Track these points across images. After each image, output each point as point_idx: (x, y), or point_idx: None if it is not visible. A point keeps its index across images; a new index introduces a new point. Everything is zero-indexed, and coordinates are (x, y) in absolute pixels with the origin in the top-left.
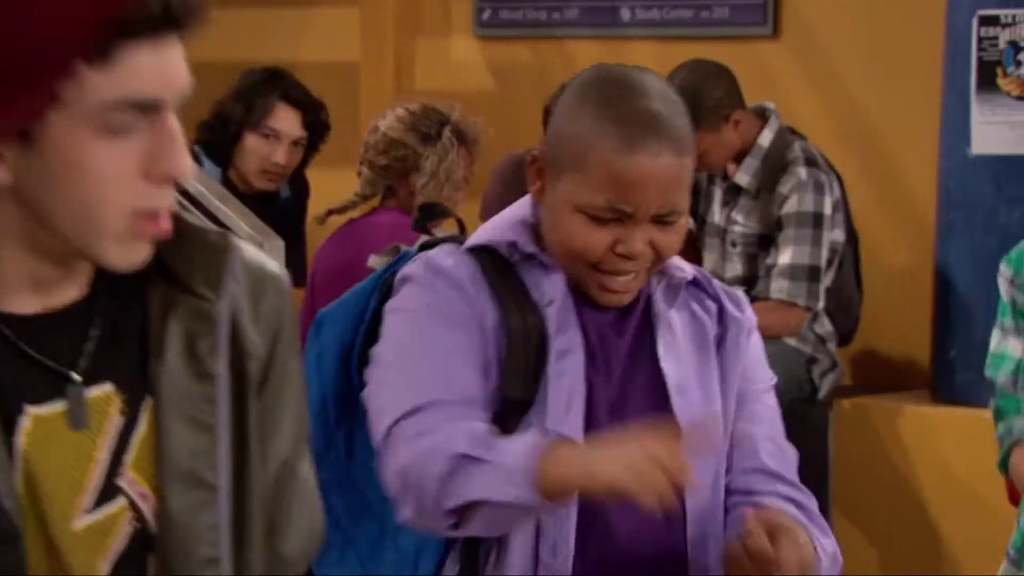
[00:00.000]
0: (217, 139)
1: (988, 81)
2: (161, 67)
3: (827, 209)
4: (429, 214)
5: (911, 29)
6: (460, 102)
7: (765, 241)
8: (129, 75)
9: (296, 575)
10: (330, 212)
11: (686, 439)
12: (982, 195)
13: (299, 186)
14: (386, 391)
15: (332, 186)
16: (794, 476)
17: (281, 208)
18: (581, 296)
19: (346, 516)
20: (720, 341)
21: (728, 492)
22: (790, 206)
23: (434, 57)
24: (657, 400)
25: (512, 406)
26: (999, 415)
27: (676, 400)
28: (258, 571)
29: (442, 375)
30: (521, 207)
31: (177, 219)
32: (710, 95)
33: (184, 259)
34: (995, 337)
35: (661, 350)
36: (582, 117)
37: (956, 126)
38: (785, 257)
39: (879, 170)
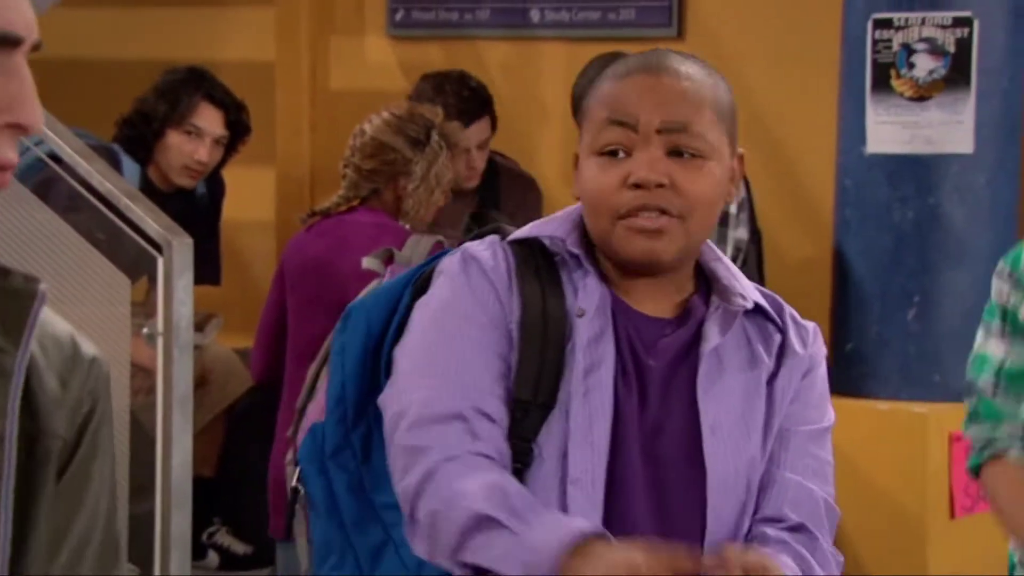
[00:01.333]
0: (139, 135)
1: (883, 82)
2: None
3: (732, 208)
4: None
5: (810, 32)
6: (374, 101)
7: None
8: None
9: None
10: (313, 213)
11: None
12: (877, 193)
13: (215, 184)
14: (403, 397)
15: (247, 183)
16: (816, 522)
17: (196, 205)
18: (623, 306)
19: (351, 520)
20: (772, 379)
21: (745, 538)
22: None
23: (348, 57)
24: (691, 435)
25: (530, 408)
26: (975, 418)
27: (707, 440)
28: None
29: (461, 381)
30: (581, 206)
31: None
32: None
33: None
34: (979, 337)
35: (701, 383)
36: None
37: (852, 126)
38: None
39: (780, 168)
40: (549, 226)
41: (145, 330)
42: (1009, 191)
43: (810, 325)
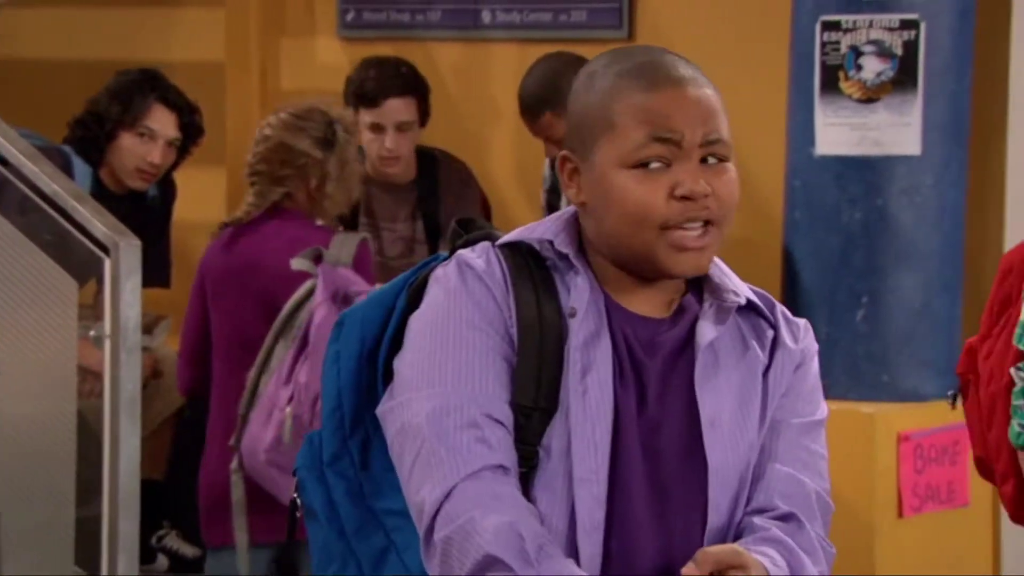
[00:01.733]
0: (91, 137)
1: (831, 84)
2: None
3: None
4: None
5: (759, 34)
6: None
7: None
8: None
9: None
10: (226, 224)
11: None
12: (826, 194)
13: (166, 187)
14: (409, 409)
15: (197, 184)
16: (807, 513)
17: (148, 207)
18: (617, 306)
19: (352, 527)
20: (765, 372)
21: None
22: None
23: (298, 58)
24: (690, 429)
25: (532, 413)
26: None
27: (707, 434)
28: None
29: (469, 388)
30: (572, 210)
31: None
32: (569, 79)
33: None
34: None
35: (698, 378)
36: (596, 86)
37: (801, 127)
38: None
39: None
40: (538, 229)
41: (92, 333)
42: (956, 192)
43: (801, 321)
